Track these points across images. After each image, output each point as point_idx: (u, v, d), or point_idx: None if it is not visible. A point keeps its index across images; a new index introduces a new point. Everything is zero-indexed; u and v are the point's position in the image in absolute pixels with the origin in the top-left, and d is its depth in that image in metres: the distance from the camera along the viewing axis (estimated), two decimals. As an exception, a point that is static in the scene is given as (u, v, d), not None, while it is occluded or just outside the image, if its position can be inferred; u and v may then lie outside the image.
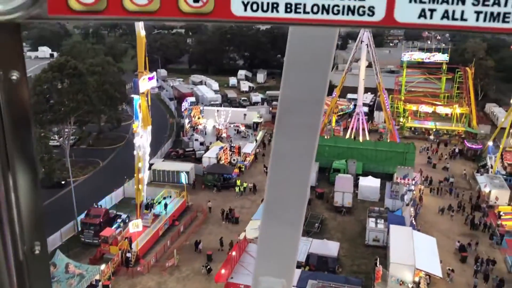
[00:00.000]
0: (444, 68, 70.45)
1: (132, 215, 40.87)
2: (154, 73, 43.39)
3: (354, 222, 42.91)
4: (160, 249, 38.33)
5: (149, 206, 41.97)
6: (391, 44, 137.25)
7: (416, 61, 73.80)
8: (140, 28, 39.43)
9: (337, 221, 43.28)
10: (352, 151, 52.67)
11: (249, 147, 56.84)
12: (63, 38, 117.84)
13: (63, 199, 45.16)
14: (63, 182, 48.22)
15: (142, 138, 39.17)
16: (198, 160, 53.85)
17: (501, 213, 42.80)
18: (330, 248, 35.98)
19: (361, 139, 57.70)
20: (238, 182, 48.10)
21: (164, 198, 44.81)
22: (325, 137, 58.18)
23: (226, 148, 55.20)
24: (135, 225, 37.60)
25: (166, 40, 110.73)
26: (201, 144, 58.17)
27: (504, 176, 49.45)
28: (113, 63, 66.94)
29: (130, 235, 37.63)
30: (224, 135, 62.20)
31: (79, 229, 40.47)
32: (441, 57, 70.99)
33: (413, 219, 40.08)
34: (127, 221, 40.19)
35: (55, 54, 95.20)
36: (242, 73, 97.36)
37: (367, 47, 56.63)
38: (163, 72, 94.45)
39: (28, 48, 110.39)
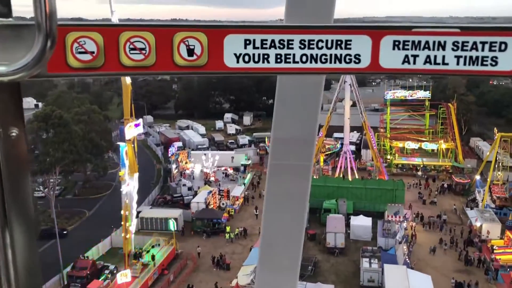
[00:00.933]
0: (427, 104, 71.76)
1: (120, 265, 39.66)
2: (140, 119, 43.38)
3: (348, 263, 42.16)
4: (149, 300, 37.03)
5: (137, 256, 40.83)
6: (373, 83, 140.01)
7: (399, 98, 75.12)
8: (126, 76, 39.70)
9: (330, 262, 42.48)
10: (342, 190, 52.48)
11: (238, 190, 56.33)
12: (48, 88, 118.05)
13: (49, 251, 43.81)
14: (65, 232, 47.11)
15: (129, 185, 38.63)
16: (187, 206, 53.05)
17: (494, 247, 42.47)
18: (324, 291, 35.08)
19: (350, 177, 57.71)
20: (228, 229, 47.17)
21: (153, 246, 43.71)
22: (314, 177, 58.16)
23: (215, 192, 54.62)
24: (123, 276, 36.41)
25: (151, 87, 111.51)
26: (189, 189, 57.50)
27: (494, 210, 49.46)
28: (99, 111, 66.95)
29: (118, 286, 36.36)
30: (212, 179, 61.76)
31: (65, 282, 39.03)
32: (423, 94, 72.46)
33: (406, 257, 39.53)
34: (115, 272, 38.95)
35: (40, 104, 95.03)
36: (228, 116, 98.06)
37: (351, 87, 57.71)
38: (149, 118, 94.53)
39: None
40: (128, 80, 39.80)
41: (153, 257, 41.10)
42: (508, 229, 44.59)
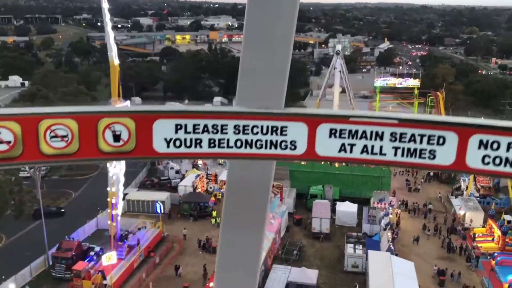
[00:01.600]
0: (416, 93, 72.04)
1: (106, 247, 39.63)
2: (128, 101, 42.93)
3: (333, 249, 42.63)
4: (135, 282, 37.15)
5: (123, 238, 40.81)
6: (363, 70, 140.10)
7: (389, 86, 75.27)
8: (114, 57, 39.15)
9: (315, 247, 42.91)
10: (328, 177, 52.80)
11: (226, 175, 56.31)
12: (35, 67, 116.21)
13: (34, 232, 43.63)
14: (62, 211, 48.14)
15: (116, 168, 38.38)
16: (174, 189, 53.01)
17: (476, 235, 43.23)
18: (309, 276, 35.49)
19: (336, 164, 58.00)
20: (214, 213, 47.29)
21: (139, 229, 43.71)
22: (302, 163, 58.40)
23: (203, 176, 54.62)
24: (109, 258, 36.39)
25: (140, 68, 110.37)
26: (177, 172, 57.40)
27: (478, 199, 50.21)
28: (86, 91, 66.22)
29: (103, 268, 36.37)
30: (200, 162, 61.65)
31: (50, 263, 38.94)
32: (413, 82, 72.66)
33: (391, 243, 40.05)
34: (100, 253, 38.91)
35: (27, 83, 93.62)
36: (217, 99, 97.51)
37: (341, 73, 57.63)
38: (137, 100, 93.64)
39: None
40: (116, 61, 39.27)
41: (138, 241, 41.10)
42: (490, 217, 45.35)
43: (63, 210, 49.52)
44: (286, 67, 3.62)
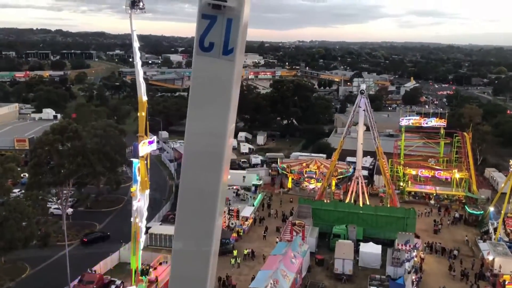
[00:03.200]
0: (442, 132, 71.23)
1: (127, 281, 39.71)
2: (155, 137, 43.85)
3: (355, 291, 41.59)
4: (154, 318, 36.90)
5: (144, 272, 40.84)
6: (389, 108, 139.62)
7: (414, 125, 74.71)
8: (142, 93, 40.34)
9: (337, 289, 41.96)
10: (352, 216, 52.10)
11: (248, 211, 56.30)
12: (68, 100, 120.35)
13: (57, 263, 44.17)
14: (108, 234, 51.26)
15: (140, 201, 38.89)
16: (196, 224, 52.99)
17: (506, 283, 41.58)
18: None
19: (361, 203, 57.29)
20: (235, 253, 46.72)
21: (160, 263, 43.74)
22: (325, 201, 57.91)
23: (225, 212, 54.64)
24: (129, 292, 36.41)
25: (168, 103, 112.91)
26: (200, 207, 57.50)
27: (508, 244, 48.47)
28: (115, 125, 67.87)
29: (123, 302, 36.36)
30: (223, 198, 61.78)
31: (72, 295, 39.17)
32: (439, 122, 71.99)
33: (415, 287, 38.88)
34: (121, 287, 38.99)
35: (59, 116, 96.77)
36: (242, 135, 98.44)
37: (365, 112, 57.61)
38: (164, 134, 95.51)
39: (33, 110, 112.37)
40: (144, 97, 40.41)
41: (156, 278, 40.92)
42: (521, 264, 43.58)
43: (108, 233, 51.81)
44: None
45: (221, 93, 4.09)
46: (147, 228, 45.45)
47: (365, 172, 67.83)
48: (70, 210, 57.83)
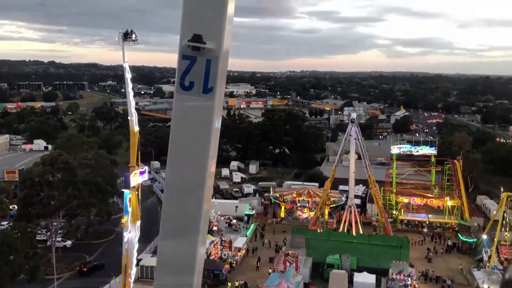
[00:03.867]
0: (433, 160, 71.66)
1: (117, 315, 38.76)
2: (146, 167, 43.57)
3: (350, 322, 40.88)
4: None
5: (134, 306, 39.95)
6: (380, 137, 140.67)
7: (405, 153, 75.17)
8: (133, 123, 40.38)
9: (332, 321, 41.23)
10: (346, 246, 51.70)
11: (240, 241, 55.68)
12: (60, 131, 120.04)
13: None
14: (103, 262, 51.20)
15: (131, 233, 38.38)
16: (188, 255, 52.23)
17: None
18: None
19: (354, 232, 57.00)
20: (229, 285, 46.06)
21: (151, 296, 42.87)
22: (318, 231, 57.55)
23: (217, 242, 54.01)
24: (118, 327, 35.49)
25: (160, 133, 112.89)
26: (192, 238, 56.83)
27: (501, 272, 48.18)
28: (106, 156, 67.71)
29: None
30: (214, 228, 61.22)
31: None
32: (429, 150, 72.53)
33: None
34: (111, 322, 38.02)
35: (50, 147, 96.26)
36: (234, 164, 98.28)
37: (356, 140, 58.05)
38: (156, 164, 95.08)
39: (24, 141, 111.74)
40: (136, 128, 40.44)
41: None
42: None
43: (103, 262, 51.77)
44: None
45: (201, 129, 4.26)
46: (138, 260, 44.70)
47: (358, 201, 67.74)
48: (69, 243, 57.11)
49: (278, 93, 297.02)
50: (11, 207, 56.92)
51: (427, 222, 65.33)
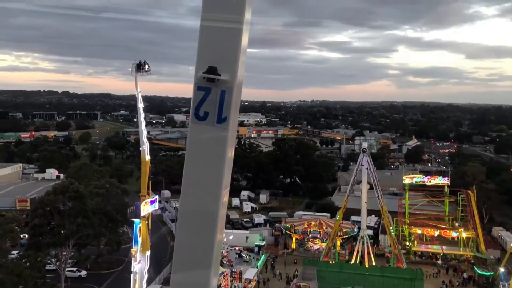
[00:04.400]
0: (446, 191, 70.69)
1: None
2: (156, 196, 43.63)
3: None
4: None
5: (143, 338, 39.24)
6: (392, 167, 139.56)
7: (418, 183, 74.31)
8: (145, 152, 40.61)
9: None
10: (358, 277, 50.63)
11: (251, 273, 54.81)
12: (72, 160, 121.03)
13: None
14: None
15: (140, 263, 38.07)
16: (198, 286, 51.47)
17: None
18: None
19: (366, 264, 55.89)
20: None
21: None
22: (330, 262, 56.56)
23: (227, 274, 53.18)
24: None
25: (172, 162, 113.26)
26: (202, 268, 56.11)
27: (520, 306, 46.67)
28: (117, 185, 67.76)
29: None
30: (225, 259, 60.46)
31: None
32: (442, 180, 71.67)
33: None
34: None
35: (62, 176, 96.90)
36: (245, 193, 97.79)
37: (368, 170, 57.62)
38: (166, 193, 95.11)
39: (36, 170, 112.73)
40: (147, 157, 40.65)
41: None
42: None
43: None
44: None
45: (215, 158, 4.37)
46: (147, 291, 44.12)
47: (370, 232, 66.71)
48: (84, 273, 56.73)
49: (289, 122, 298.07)
50: (22, 236, 56.95)
51: (442, 254, 63.93)
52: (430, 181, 71.80)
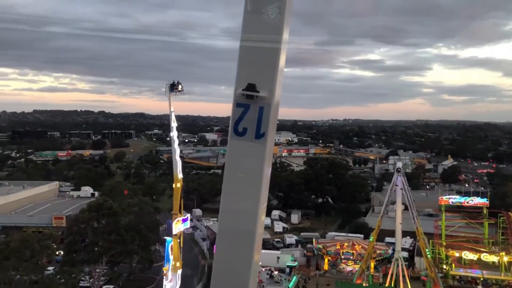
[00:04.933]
0: (485, 212, 68.13)
1: None
2: (188, 215, 43.79)
3: None
4: None
5: None
6: (427, 187, 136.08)
7: (455, 204, 71.97)
8: (178, 171, 40.98)
9: None
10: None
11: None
12: (106, 178, 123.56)
13: None
14: None
15: (172, 282, 38.05)
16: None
17: None
18: None
19: (401, 287, 54.10)
20: None
21: None
22: (364, 285, 55.11)
23: (258, 294, 52.53)
24: None
25: (203, 180, 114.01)
26: None
27: None
28: (150, 203, 68.57)
29: None
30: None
31: None
32: (481, 201, 69.15)
33: None
34: None
35: (96, 193, 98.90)
36: (276, 213, 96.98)
37: (402, 190, 56.24)
38: (198, 211, 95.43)
39: (72, 188, 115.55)
40: (180, 175, 40.99)
41: None
42: None
43: None
44: None
45: (253, 173, 4.49)
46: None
47: (405, 254, 64.76)
48: None
49: (320, 141, 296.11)
50: (57, 252, 58.07)
51: (482, 279, 61.25)
52: (468, 202, 69.44)
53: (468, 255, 64.80)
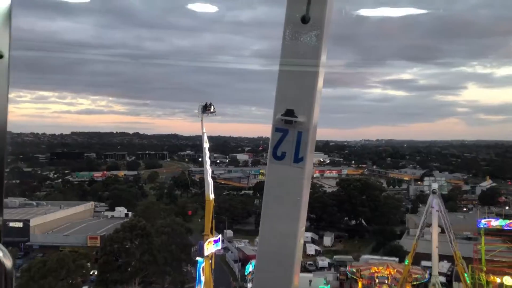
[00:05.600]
0: (527, 236, 65.26)
1: None
2: (220, 236, 43.72)
3: None
4: None
5: None
6: (464, 209, 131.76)
7: (495, 228, 69.24)
8: (209, 191, 41.17)
9: None
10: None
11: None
12: (140, 198, 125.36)
13: None
14: None
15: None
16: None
17: None
18: None
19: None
20: None
21: None
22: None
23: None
24: None
25: (234, 201, 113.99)
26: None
27: None
28: (182, 223, 68.91)
29: None
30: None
31: None
32: (523, 224, 66.34)
33: None
34: None
35: (130, 214, 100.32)
36: (308, 235, 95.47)
37: (438, 212, 54.66)
38: (229, 233, 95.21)
39: (106, 208, 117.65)
40: (211, 196, 41.15)
41: None
42: None
43: None
44: None
45: (292, 196, 4.52)
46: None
47: (443, 278, 62.52)
48: None
49: (353, 162, 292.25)
50: (91, 272, 58.89)
51: (527, 307, 58.33)
52: (510, 226, 66.74)
53: (510, 281, 61.92)
